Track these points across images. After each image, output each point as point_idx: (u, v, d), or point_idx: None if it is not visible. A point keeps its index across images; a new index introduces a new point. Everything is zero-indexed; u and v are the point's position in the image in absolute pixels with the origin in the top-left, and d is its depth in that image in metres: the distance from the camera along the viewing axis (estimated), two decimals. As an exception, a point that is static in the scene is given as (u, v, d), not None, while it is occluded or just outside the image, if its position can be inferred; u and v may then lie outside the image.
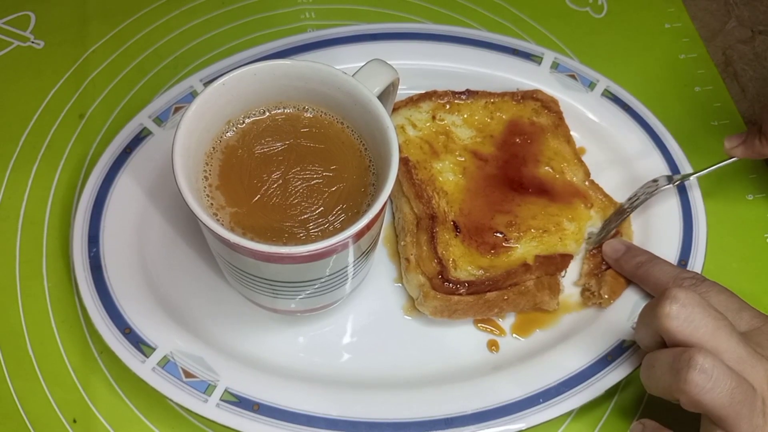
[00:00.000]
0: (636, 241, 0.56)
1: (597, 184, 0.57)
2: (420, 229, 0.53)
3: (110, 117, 0.61)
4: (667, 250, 0.55)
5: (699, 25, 0.71)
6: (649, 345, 0.46)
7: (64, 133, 0.60)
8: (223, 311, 0.52)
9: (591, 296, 0.53)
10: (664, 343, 0.44)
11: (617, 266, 0.53)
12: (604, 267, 0.54)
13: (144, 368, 0.47)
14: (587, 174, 0.57)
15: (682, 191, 0.57)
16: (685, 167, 0.58)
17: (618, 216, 0.56)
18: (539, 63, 0.62)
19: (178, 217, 0.54)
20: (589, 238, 0.56)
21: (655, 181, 0.57)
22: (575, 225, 0.55)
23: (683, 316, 0.42)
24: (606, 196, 0.57)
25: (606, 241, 0.54)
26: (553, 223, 0.54)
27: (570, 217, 0.55)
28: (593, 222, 0.56)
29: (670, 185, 0.56)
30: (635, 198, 0.56)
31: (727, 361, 0.41)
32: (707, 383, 0.40)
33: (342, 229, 0.40)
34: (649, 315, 0.44)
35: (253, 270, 0.43)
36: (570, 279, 0.55)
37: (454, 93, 0.59)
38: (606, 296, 0.52)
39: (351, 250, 0.43)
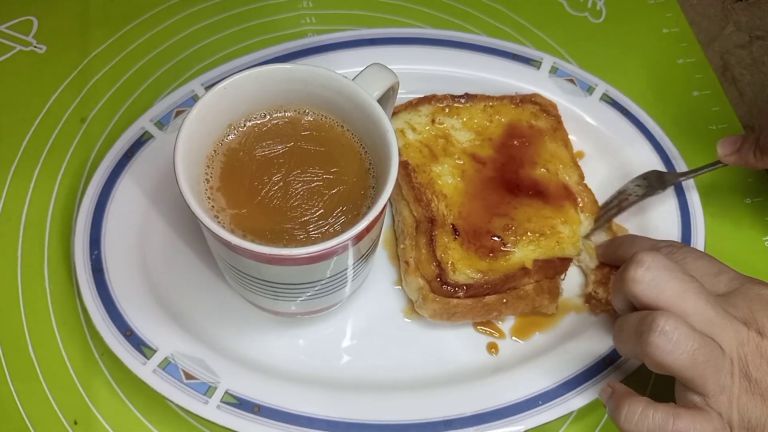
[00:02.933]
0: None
1: (588, 188, 0.57)
2: (419, 232, 0.53)
3: (112, 121, 0.61)
4: (666, 253, 0.55)
5: (697, 30, 0.72)
6: (622, 310, 0.46)
7: (65, 137, 0.60)
8: (224, 313, 0.52)
9: (598, 304, 0.53)
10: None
11: (607, 259, 0.54)
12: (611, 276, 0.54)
13: (145, 370, 0.48)
14: (581, 177, 0.58)
15: (680, 194, 0.58)
16: (683, 170, 0.59)
17: (605, 213, 0.56)
18: (538, 67, 0.63)
19: (179, 219, 0.55)
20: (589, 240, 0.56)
21: (644, 178, 0.57)
22: (569, 228, 0.55)
23: (647, 279, 0.42)
24: (594, 201, 0.57)
25: (597, 244, 0.55)
26: (548, 226, 0.54)
27: (563, 220, 0.55)
28: (584, 228, 0.56)
29: (660, 191, 0.57)
30: (625, 194, 0.57)
31: (695, 324, 0.41)
32: (668, 345, 0.40)
33: (342, 231, 0.40)
34: (618, 281, 0.44)
35: (253, 272, 0.43)
36: (569, 282, 0.56)
37: (453, 97, 0.59)
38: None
39: (351, 252, 0.43)
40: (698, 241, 0.56)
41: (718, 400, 0.41)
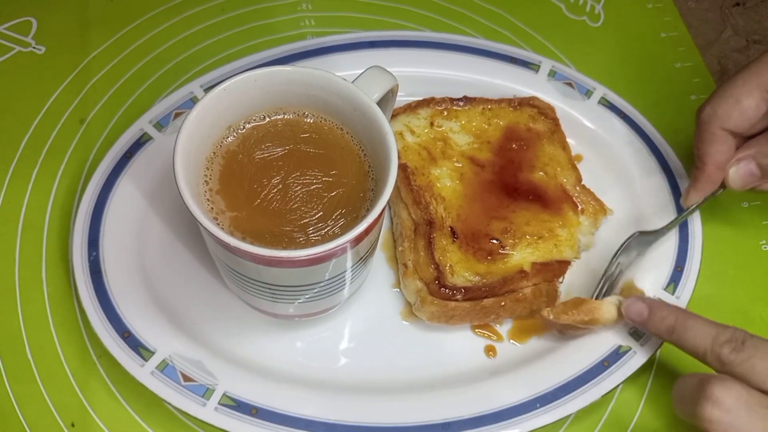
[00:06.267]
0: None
1: (588, 189, 0.57)
2: (418, 235, 0.53)
3: (111, 122, 0.61)
4: (664, 257, 0.55)
5: (695, 34, 0.72)
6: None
7: (64, 138, 0.60)
8: (222, 315, 0.52)
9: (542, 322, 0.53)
10: None
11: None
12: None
13: (143, 372, 0.48)
14: (579, 179, 0.58)
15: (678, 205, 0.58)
16: (680, 174, 0.59)
17: (608, 278, 0.54)
18: (536, 71, 0.63)
19: (177, 221, 0.55)
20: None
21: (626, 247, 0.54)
22: (567, 231, 0.55)
23: (726, 423, 0.39)
24: (597, 201, 0.57)
25: (626, 303, 0.50)
26: (546, 230, 0.54)
27: (561, 224, 0.55)
28: (583, 229, 0.56)
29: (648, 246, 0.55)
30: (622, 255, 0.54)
31: None
32: None
33: (341, 233, 0.40)
34: (690, 406, 0.42)
35: (252, 274, 0.43)
36: (566, 285, 0.56)
37: (451, 100, 0.59)
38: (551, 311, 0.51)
39: (349, 254, 0.43)
40: (696, 244, 0.56)
41: None
